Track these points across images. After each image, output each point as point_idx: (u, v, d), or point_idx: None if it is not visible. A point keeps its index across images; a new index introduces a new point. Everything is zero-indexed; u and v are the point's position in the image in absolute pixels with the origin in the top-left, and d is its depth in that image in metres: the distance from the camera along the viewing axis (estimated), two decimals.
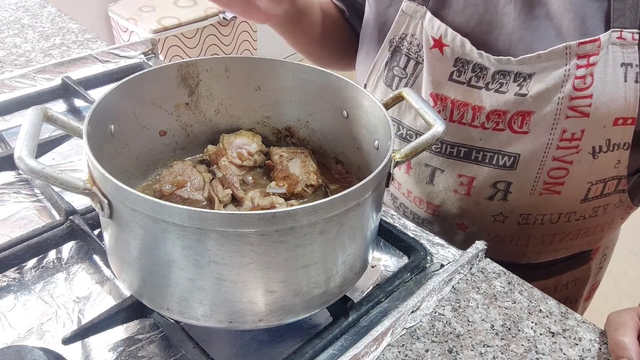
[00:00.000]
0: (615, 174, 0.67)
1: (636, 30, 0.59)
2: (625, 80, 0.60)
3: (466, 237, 0.76)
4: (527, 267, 0.77)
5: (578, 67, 0.61)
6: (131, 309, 0.53)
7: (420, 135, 0.72)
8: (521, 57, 0.63)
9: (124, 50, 0.97)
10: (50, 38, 1.06)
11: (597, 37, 0.60)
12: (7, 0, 1.21)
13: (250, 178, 0.64)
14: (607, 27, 0.60)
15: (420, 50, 0.70)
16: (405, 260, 0.63)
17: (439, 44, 0.67)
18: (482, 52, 0.65)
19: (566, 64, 0.61)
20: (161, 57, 1.09)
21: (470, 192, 0.71)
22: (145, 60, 0.98)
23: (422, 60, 0.69)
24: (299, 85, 0.63)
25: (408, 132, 0.73)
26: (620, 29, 0.60)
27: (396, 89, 0.73)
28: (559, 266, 0.79)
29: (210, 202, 0.58)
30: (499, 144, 0.67)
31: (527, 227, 0.72)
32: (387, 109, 0.54)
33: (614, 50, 0.60)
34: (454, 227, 0.76)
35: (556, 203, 0.69)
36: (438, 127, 0.51)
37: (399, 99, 0.57)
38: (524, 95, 0.63)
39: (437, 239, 0.65)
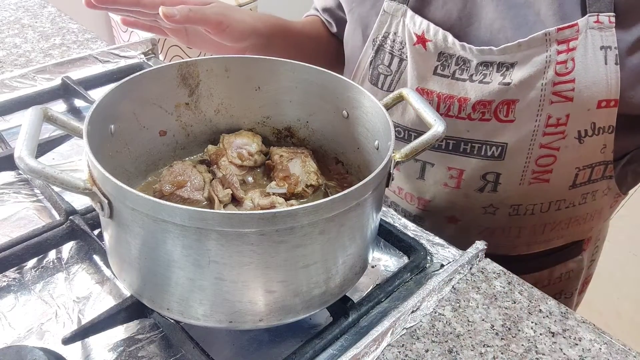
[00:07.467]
0: (602, 159, 0.68)
1: (612, 14, 0.60)
2: (606, 63, 0.61)
3: (457, 230, 0.77)
4: (518, 259, 0.78)
5: (559, 52, 0.62)
6: (131, 309, 0.52)
7: (404, 128, 0.73)
8: (502, 46, 0.64)
9: (124, 50, 0.97)
10: (50, 38, 1.06)
11: (575, 22, 0.61)
12: (7, 0, 1.21)
13: (250, 178, 0.64)
14: (583, 11, 0.61)
15: (403, 47, 0.71)
16: (405, 260, 0.63)
17: (421, 39, 0.68)
18: (465, 44, 0.66)
19: (547, 50, 0.62)
20: (161, 57, 1.09)
21: (460, 184, 0.72)
22: (145, 60, 0.98)
23: (406, 57, 0.70)
24: (299, 85, 0.63)
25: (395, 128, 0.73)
26: (596, 13, 0.61)
27: (382, 86, 0.74)
28: (552, 257, 0.80)
29: (210, 202, 0.58)
30: (486, 134, 0.68)
31: (517, 218, 0.73)
32: (387, 109, 0.54)
33: (593, 34, 0.61)
34: (445, 220, 0.77)
35: (545, 191, 0.70)
36: (438, 127, 0.51)
37: (399, 99, 0.57)
38: (508, 84, 0.64)
39: (437, 239, 0.65)
